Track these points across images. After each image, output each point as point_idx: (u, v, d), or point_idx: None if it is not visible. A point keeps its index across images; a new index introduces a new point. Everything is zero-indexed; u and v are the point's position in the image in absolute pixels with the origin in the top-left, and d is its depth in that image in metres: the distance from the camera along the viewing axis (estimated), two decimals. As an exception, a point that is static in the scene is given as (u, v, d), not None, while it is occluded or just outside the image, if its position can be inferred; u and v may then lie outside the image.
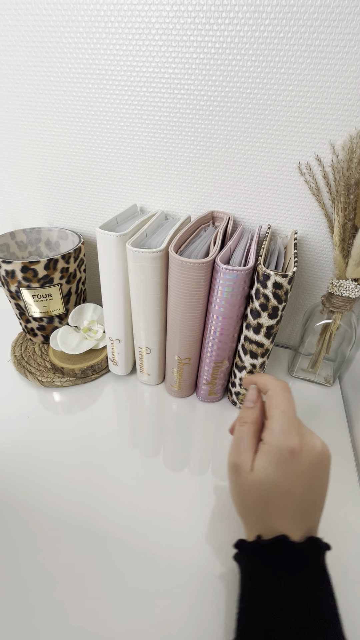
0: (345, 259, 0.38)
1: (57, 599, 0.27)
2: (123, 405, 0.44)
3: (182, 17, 0.35)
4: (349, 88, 0.35)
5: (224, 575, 0.29)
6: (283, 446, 0.24)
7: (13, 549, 0.30)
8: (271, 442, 0.25)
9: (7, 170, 0.52)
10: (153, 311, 0.38)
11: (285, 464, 0.24)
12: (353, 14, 0.31)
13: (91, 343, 0.47)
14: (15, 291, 0.45)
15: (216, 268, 0.33)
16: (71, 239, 0.51)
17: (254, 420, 0.28)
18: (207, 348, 0.39)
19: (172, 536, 0.31)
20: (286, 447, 0.24)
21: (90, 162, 0.47)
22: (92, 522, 0.32)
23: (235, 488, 0.27)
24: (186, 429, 0.42)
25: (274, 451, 0.24)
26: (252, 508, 0.26)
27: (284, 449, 0.24)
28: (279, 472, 0.24)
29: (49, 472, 0.35)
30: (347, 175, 0.35)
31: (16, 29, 0.39)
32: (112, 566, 0.29)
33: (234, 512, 0.33)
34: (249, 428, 0.27)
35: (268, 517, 0.25)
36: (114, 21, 0.37)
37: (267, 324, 0.35)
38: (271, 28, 0.34)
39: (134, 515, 0.32)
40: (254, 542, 0.25)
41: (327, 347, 0.44)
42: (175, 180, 0.45)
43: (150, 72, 0.39)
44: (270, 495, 0.24)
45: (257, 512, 0.25)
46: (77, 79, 0.41)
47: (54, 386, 0.45)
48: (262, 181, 0.42)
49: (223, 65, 0.36)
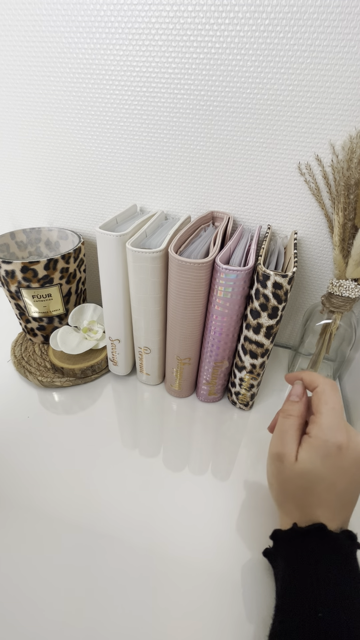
0: (345, 259, 0.38)
1: (58, 599, 0.27)
2: (123, 405, 0.44)
3: (182, 17, 0.35)
4: (349, 88, 0.35)
5: (224, 575, 0.29)
6: (331, 441, 0.25)
7: (13, 549, 0.30)
8: (319, 436, 0.26)
9: (7, 170, 0.52)
10: (153, 311, 0.38)
11: (331, 458, 0.25)
12: (353, 14, 0.31)
13: (91, 343, 0.47)
14: (15, 291, 0.45)
15: (216, 268, 0.33)
16: (71, 239, 0.51)
17: (299, 414, 0.29)
18: (207, 348, 0.39)
19: (172, 536, 0.31)
20: (334, 442, 0.25)
21: (90, 162, 0.47)
22: (92, 522, 0.32)
23: (278, 476, 0.28)
24: (186, 429, 0.42)
25: (321, 445, 0.25)
26: (292, 497, 0.27)
27: (332, 444, 0.25)
28: (324, 465, 0.25)
29: (49, 472, 0.35)
30: (347, 175, 0.35)
31: (16, 29, 0.39)
32: (111, 566, 0.29)
33: (234, 512, 0.33)
34: (295, 421, 0.28)
35: (307, 506, 0.26)
36: (114, 21, 0.37)
37: (267, 324, 0.35)
38: (271, 28, 0.34)
39: (134, 515, 0.32)
40: (291, 529, 0.26)
41: (327, 347, 0.44)
42: (175, 180, 0.45)
43: (150, 72, 0.39)
44: (313, 486, 0.25)
45: (296, 501, 0.27)
46: (77, 79, 0.41)
47: (54, 386, 0.45)
48: (262, 181, 0.42)
49: (223, 65, 0.36)
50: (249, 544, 0.31)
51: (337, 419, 0.26)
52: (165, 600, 0.27)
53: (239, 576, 0.29)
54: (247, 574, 0.29)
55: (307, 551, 0.25)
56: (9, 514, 0.32)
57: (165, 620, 0.26)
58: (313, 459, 0.25)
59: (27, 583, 0.28)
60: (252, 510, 0.33)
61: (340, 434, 0.25)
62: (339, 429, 0.26)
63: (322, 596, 0.22)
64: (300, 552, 0.25)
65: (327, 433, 0.25)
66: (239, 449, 0.39)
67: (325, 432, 0.26)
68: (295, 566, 0.25)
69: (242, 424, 0.43)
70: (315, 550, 0.24)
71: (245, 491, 0.35)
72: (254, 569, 0.29)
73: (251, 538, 0.31)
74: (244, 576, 0.29)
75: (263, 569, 0.29)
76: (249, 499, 0.34)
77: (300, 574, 0.24)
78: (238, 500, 0.34)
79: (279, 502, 0.29)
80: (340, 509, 0.26)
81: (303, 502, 0.26)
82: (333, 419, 0.26)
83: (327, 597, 0.22)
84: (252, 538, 0.31)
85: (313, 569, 0.24)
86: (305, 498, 0.26)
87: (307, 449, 0.26)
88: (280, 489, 0.28)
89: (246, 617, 0.26)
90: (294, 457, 0.26)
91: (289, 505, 0.27)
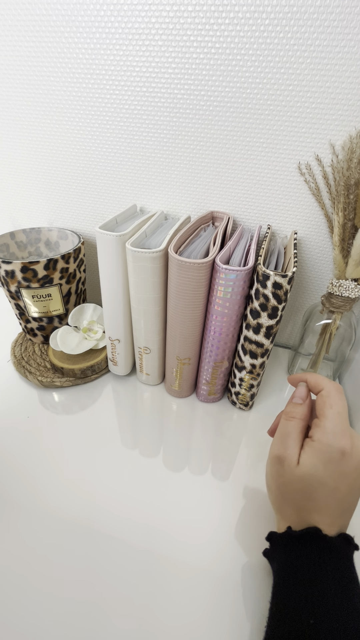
0: (345, 259, 0.38)
1: (58, 599, 0.27)
2: (123, 405, 0.44)
3: (182, 17, 0.35)
4: (349, 88, 0.35)
5: (225, 575, 0.29)
6: (335, 446, 0.25)
7: (13, 549, 0.30)
8: (322, 440, 0.25)
9: (7, 170, 0.52)
10: (153, 311, 0.38)
11: (334, 463, 0.25)
12: (353, 14, 0.31)
13: (91, 343, 0.47)
14: (15, 291, 0.45)
15: (216, 268, 0.33)
16: (71, 239, 0.51)
17: (302, 416, 0.28)
18: (207, 348, 0.39)
19: (171, 536, 0.31)
20: (338, 448, 0.24)
21: (90, 162, 0.47)
22: (91, 522, 0.32)
23: (277, 479, 0.27)
24: (186, 429, 0.42)
25: (325, 450, 0.25)
26: (291, 500, 0.26)
27: (335, 449, 0.25)
28: (327, 470, 0.25)
29: (49, 472, 0.35)
30: (347, 175, 0.35)
31: (16, 29, 0.39)
32: (111, 566, 0.29)
33: (234, 512, 0.33)
34: (297, 423, 0.28)
35: (305, 510, 0.25)
36: (114, 21, 0.37)
37: (266, 324, 0.35)
38: (271, 28, 0.34)
39: (134, 515, 0.32)
40: (285, 533, 0.26)
41: (327, 347, 0.44)
42: (175, 181, 0.45)
43: (150, 72, 0.39)
44: (313, 491, 0.25)
45: (295, 505, 0.26)
46: (77, 79, 0.41)
47: (53, 386, 0.45)
48: (262, 181, 0.42)
49: (223, 65, 0.36)
50: (249, 544, 0.31)
51: (342, 423, 0.26)
52: (165, 600, 0.27)
53: (239, 576, 0.29)
54: (247, 574, 0.29)
55: (301, 556, 0.24)
56: (9, 514, 0.32)
57: (165, 620, 0.26)
58: (315, 464, 0.25)
59: (27, 583, 0.28)
60: (252, 510, 0.33)
61: (345, 440, 0.25)
62: (344, 434, 0.25)
63: (315, 603, 0.22)
64: (294, 557, 0.25)
65: (331, 438, 0.25)
66: (239, 449, 0.39)
67: (329, 436, 0.25)
68: (289, 571, 0.24)
69: (242, 424, 0.43)
70: (309, 555, 0.24)
71: (245, 491, 0.35)
72: (254, 569, 0.29)
73: (251, 538, 0.31)
74: (244, 576, 0.29)
75: (263, 569, 0.29)
76: (249, 499, 0.34)
77: (293, 579, 0.24)
78: (238, 501, 0.34)
79: (277, 505, 0.28)
80: (340, 515, 0.25)
81: (301, 506, 0.26)
82: (338, 424, 0.25)
83: (320, 603, 0.22)
84: (252, 538, 0.31)
85: (306, 575, 0.23)
86: (304, 502, 0.26)
87: (309, 453, 0.25)
88: (279, 492, 0.27)
89: (246, 618, 0.26)
90: (295, 460, 0.26)
91: (286, 508, 0.27)
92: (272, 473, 0.28)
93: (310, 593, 0.22)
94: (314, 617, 0.21)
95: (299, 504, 0.26)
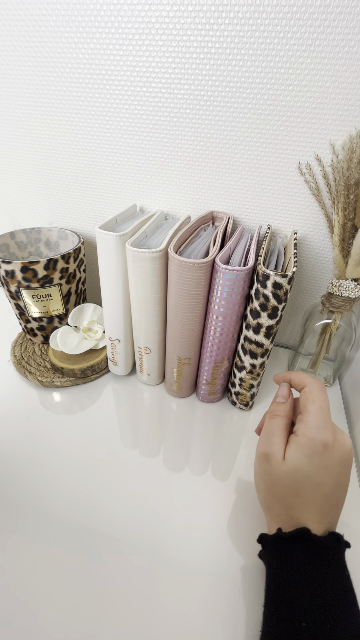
0: (345, 259, 0.38)
1: (58, 599, 0.27)
2: (123, 405, 0.44)
3: (182, 17, 0.35)
4: (349, 88, 0.35)
5: (224, 575, 0.29)
6: (318, 439, 0.25)
7: (13, 549, 0.30)
8: (306, 434, 0.26)
9: (7, 170, 0.52)
10: (153, 311, 0.38)
11: (317, 456, 0.25)
12: (353, 14, 0.31)
13: (91, 343, 0.47)
14: (15, 291, 0.45)
15: (216, 268, 0.33)
16: (71, 239, 0.51)
17: (286, 414, 0.29)
18: (207, 348, 0.39)
19: (171, 536, 0.31)
20: (320, 440, 0.25)
21: (90, 162, 0.47)
22: (91, 522, 0.32)
23: (265, 478, 0.27)
24: (186, 429, 0.42)
25: (308, 443, 0.25)
26: (280, 498, 0.26)
27: (318, 442, 0.25)
28: (311, 463, 0.25)
29: (48, 472, 0.35)
30: (347, 175, 0.35)
31: (16, 29, 0.39)
32: (111, 566, 0.29)
33: (233, 511, 0.33)
34: (281, 420, 0.28)
35: (294, 508, 0.26)
36: (114, 21, 0.37)
37: (266, 324, 0.35)
38: (271, 28, 0.34)
39: (134, 515, 0.32)
40: (275, 534, 0.26)
41: (327, 347, 0.44)
42: (175, 180, 0.45)
43: (150, 72, 0.39)
44: (300, 486, 0.25)
45: (284, 503, 0.26)
46: (77, 79, 0.41)
47: (53, 386, 0.45)
48: (262, 181, 0.42)
49: (223, 65, 0.36)
50: (249, 544, 0.31)
51: (324, 417, 0.26)
52: (165, 600, 0.27)
53: (239, 576, 0.29)
54: (247, 574, 0.29)
55: (291, 558, 0.24)
56: (9, 514, 0.32)
57: (165, 619, 0.26)
58: (300, 457, 0.25)
59: (27, 583, 0.28)
60: (252, 510, 0.33)
61: (327, 433, 0.25)
62: (326, 428, 0.26)
63: (306, 605, 0.22)
64: (284, 559, 0.25)
65: (314, 431, 0.26)
66: (239, 449, 0.39)
67: (312, 430, 0.26)
68: (279, 573, 0.24)
69: (242, 424, 0.43)
70: (299, 557, 0.24)
71: (245, 491, 0.35)
72: (254, 569, 0.29)
73: (251, 538, 0.31)
74: (244, 576, 0.29)
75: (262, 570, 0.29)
76: (249, 499, 0.34)
77: (284, 581, 0.24)
78: (238, 500, 0.34)
79: (267, 506, 0.28)
80: (327, 512, 0.25)
81: (290, 503, 0.26)
82: (320, 418, 0.26)
83: (311, 605, 0.22)
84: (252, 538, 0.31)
85: (297, 577, 0.23)
86: (292, 499, 0.26)
87: (294, 448, 0.26)
88: (267, 491, 0.28)
89: (245, 618, 0.26)
90: (281, 456, 0.26)
91: (276, 508, 0.27)
92: (260, 472, 0.28)
93: (302, 595, 0.22)
94: (306, 619, 0.21)
95: (287, 501, 0.26)
